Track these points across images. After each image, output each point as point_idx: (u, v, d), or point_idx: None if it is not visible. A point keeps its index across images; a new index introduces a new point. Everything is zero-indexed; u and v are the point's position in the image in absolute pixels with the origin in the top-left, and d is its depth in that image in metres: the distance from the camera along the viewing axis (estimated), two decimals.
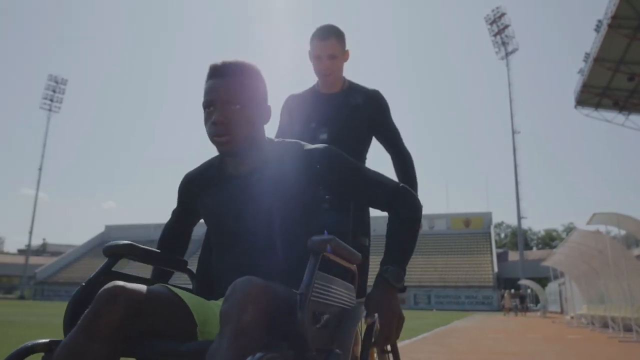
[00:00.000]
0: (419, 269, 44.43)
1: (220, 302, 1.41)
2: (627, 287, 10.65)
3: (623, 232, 15.93)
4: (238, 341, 1.03)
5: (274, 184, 1.47)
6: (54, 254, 76.19)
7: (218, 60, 1.49)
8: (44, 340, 1.21)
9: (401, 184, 1.53)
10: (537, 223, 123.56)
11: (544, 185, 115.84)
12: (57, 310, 21.11)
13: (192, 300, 1.33)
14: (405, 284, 1.52)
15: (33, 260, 62.50)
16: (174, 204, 1.76)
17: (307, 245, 1.30)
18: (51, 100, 61.92)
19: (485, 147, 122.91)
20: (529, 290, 37.77)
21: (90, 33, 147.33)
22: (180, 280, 8.30)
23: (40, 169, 61.37)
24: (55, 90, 62.02)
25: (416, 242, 1.51)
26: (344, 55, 2.32)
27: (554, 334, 12.79)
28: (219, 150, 1.47)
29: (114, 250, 1.41)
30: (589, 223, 10.79)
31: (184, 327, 1.28)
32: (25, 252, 76.23)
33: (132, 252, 1.45)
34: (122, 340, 1.18)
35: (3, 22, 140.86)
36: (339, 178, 1.49)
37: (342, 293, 1.42)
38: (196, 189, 1.63)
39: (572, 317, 19.90)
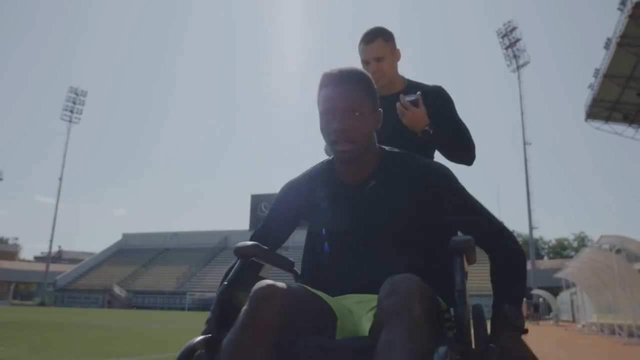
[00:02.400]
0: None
1: (341, 299, 1.45)
2: (630, 297, 11.81)
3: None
4: (414, 336, 1.07)
5: (389, 194, 1.48)
6: (71, 261, 77.28)
7: (333, 68, 1.50)
8: (202, 337, 1.27)
9: (505, 226, 1.49)
10: (548, 232, 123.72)
11: (555, 194, 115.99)
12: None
13: (330, 299, 1.37)
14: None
15: (50, 267, 63.18)
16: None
17: (418, 251, 1.45)
18: (71, 111, 63.12)
19: (497, 158, 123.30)
20: (540, 300, 38.32)
21: (102, 45, 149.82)
22: None
23: (60, 179, 62.68)
24: (75, 101, 63.25)
25: (526, 280, 1.45)
26: (394, 54, 2.23)
27: (566, 339, 13.99)
28: (339, 157, 1.49)
29: (244, 251, 1.48)
30: (597, 243, 11.93)
31: (324, 322, 1.31)
32: (43, 259, 77.67)
33: (258, 253, 1.52)
34: (279, 336, 1.23)
35: (29, 37, 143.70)
36: (446, 200, 1.47)
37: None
38: (304, 197, 1.61)
39: (583, 326, 20.77)
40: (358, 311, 1.40)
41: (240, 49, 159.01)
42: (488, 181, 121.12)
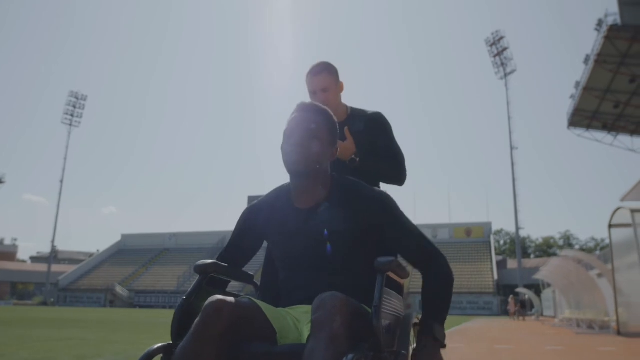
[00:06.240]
0: None
1: (291, 310, 1.62)
2: (590, 297, 14.47)
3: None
4: (333, 344, 1.24)
5: (336, 220, 1.63)
6: (67, 261, 77.75)
7: (306, 101, 1.71)
8: (161, 345, 1.41)
9: (437, 250, 1.65)
10: (535, 231, 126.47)
11: (542, 195, 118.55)
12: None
13: (270, 311, 1.52)
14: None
15: (44, 267, 64.07)
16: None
17: (361, 269, 1.62)
18: (72, 115, 63.80)
19: (486, 162, 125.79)
20: (526, 297, 40.17)
21: (99, 48, 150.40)
22: None
23: (61, 181, 63.23)
24: (75, 105, 63.95)
25: (451, 301, 1.62)
26: (338, 87, 2.39)
27: (539, 331, 16.77)
28: (290, 169, 1.63)
29: (203, 269, 1.62)
30: (561, 255, 14.70)
31: (267, 333, 1.47)
32: (38, 259, 78.55)
33: (216, 270, 1.65)
34: (226, 345, 1.38)
35: (33, 44, 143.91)
36: (386, 223, 1.64)
37: (396, 304, 1.62)
38: (263, 219, 1.75)
39: (560, 320, 23.10)
40: (303, 320, 1.55)
41: (234, 50, 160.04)
42: (477, 183, 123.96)
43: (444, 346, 1.56)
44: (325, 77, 2.35)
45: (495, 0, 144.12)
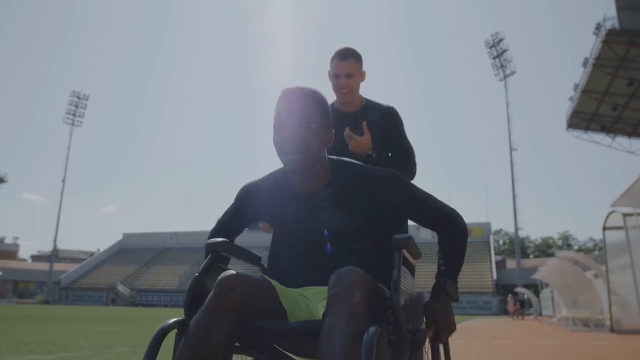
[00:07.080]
0: (424, 276, 45.29)
1: (302, 291, 1.58)
2: (586, 296, 15.01)
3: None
4: (353, 319, 1.22)
5: (338, 203, 1.60)
6: (68, 259, 77.84)
7: (291, 86, 1.58)
8: (175, 320, 1.41)
9: (451, 207, 1.68)
10: (534, 231, 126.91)
11: (541, 196, 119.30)
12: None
13: (281, 290, 1.51)
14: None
15: (44, 265, 64.29)
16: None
17: (366, 256, 1.59)
18: (74, 115, 64.04)
19: (486, 162, 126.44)
20: (525, 296, 40.49)
21: (99, 49, 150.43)
22: None
23: (63, 181, 63.52)
24: (77, 105, 64.15)
25: (465, 255, 1.66)
26: (361, 75, 2.40)
27: (537, 329, 17.43)
28: (287, 167, 1.58)
29: (214, 247, 1.59)
30: (558, 256, 15.50)
31: (278, 311, 1.46)
32: (39, 258, 78.63)
33: (227, 249, 1.62)
34: (239, 319, 1.36)
35: (36, 46, 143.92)
36: (398, 201, 1.63)
37: (409, 281, 1.61)
38: (260, 200, 1.72)
39: (558, 319, 23.57)
40: (315, 299, 1.53)
41: (234, 50, 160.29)
42: (477, 183, 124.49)
43: (456, 299, 1.62)
44: (351, 62, 2.37)
45: (495, 2, 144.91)
